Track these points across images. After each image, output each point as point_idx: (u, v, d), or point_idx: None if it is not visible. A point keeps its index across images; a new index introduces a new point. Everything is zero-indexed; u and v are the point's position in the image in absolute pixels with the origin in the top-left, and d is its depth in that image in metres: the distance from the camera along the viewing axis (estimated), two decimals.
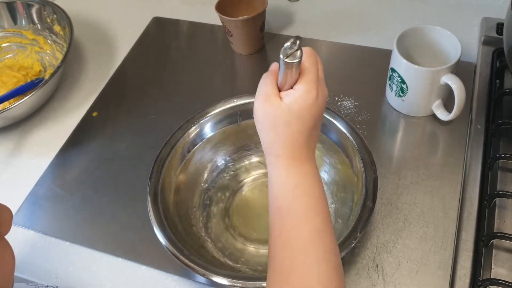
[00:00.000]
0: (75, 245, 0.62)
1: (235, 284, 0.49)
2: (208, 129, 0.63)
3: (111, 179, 0.69)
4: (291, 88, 0.42)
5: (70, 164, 0.71)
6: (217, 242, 0.60)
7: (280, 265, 0.40)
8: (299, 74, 0.41)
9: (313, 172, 0.43)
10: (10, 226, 0.38)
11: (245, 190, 0.65)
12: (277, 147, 0.42)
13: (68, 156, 0.72)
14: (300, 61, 0.39)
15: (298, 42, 0.39)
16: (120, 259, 0.60)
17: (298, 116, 0.41)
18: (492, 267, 0.54)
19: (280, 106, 0.41)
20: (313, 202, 0.42)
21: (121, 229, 0.63)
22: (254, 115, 0.43)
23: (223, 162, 0.66)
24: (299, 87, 0.41)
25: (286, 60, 0.39)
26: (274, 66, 0.44)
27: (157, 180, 0.58)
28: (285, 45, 0.39)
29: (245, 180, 0.66)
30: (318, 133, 0.45)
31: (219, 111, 0.63)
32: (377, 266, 0.56)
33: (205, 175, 0.65)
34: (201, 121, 0.62)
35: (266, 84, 0.42)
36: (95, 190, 0.68)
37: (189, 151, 0.62)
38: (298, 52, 0.39)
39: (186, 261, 0.51)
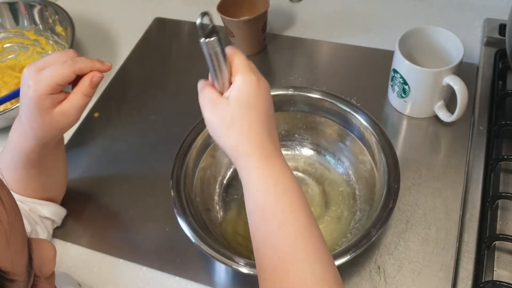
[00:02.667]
0: (76, 246, 0.62)
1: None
2: None
3: (112, 179, 0.69)
4: (229, 85, 0.42)
5: (71, 164, 0.71)
6: (230, 225, 0.61)
7: (271, 273, 0.39)
8: (230, 68, 0.41)
9: (287, 167, 0.42)
10: (54, 266, 0.35)
11: None
12: (243, 146, 0.41)
13: (69, 157, 0.72)
14: (219, 39, 0.38)
15: (207, 17, 0.38)
16: (121, 260, 0.60)
17: (249, 104, 0.41)
18: (495, 269, 0.54)
19: (228, 103, 0.41)
20: (295, 199, 0.41)
21: (122, 229, 0.63)
22: (208, 126, 0.43)
23: None
24: (236, 78, 0.41)
25: (208, 40, 0.38)
26: (202, 81, 0.45)
27: (183, 159, 0.58)
28: (197, 23, 0.37)
29: None
30: (276, 126, 0.44)
31: None
32: (379, 268, 0.56)
33: (227, 161, 0.65)
34: None
35: (205, 94, 0.43)
36: (96, 190, 0.68)
37: None
38: (212, 28, 0.38)
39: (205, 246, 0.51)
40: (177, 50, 0.87)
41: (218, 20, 0.78)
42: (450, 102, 0.67)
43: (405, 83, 0.65)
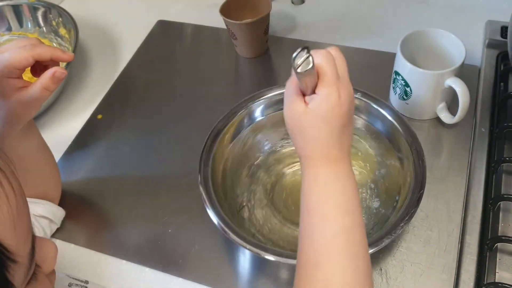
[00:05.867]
0: (79, 248, 0.62)
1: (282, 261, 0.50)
2: (268, 109, 0.64)
3: (115, 181, 0.69)
4: (314, 90, 0.42)
5: (74, 166, 0.72)
6: (254, 215, 0.61)
7: (306, 262, 0.41)
8: (318, 78, 0.41)
9: (345, 172, 0.43)
10: (54, 264, 0.36)
11: (291, 173, 0.65)
12: (308, 150, 0.43)
13: (72, 159, 0.73)
14: (311, 68, 0.39)
15: (306, 50, 0.38)
16: (124, 261, 0.60)
17: (323, 119, 0.41)
18: (497, 271, 0.54)
19: (305, 111, 0.42)
20: (342, 201, 0.42)
21: (125, 231, 0.63)
22: (285, 122, 0.44)
23: (274, 143, 0.66)
24: (320, 91, 0.41)
25: (298, 71, 0.38)
26: (291, 79, 0.44)
27: (210, 150, 0.59)
28: (293, 55, 0.38)
29: (292, 165, 0.66)
30: (350, 132, 0.45)
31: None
32: (381, 269, 0.56)
33: (256, 154, 0.65)
34: (265, 98, 0.64)
35: (290, 92, 0.43)
36: (99, 192, 0.68)
37: (246, 127, 0.64)
38: (309, 59, 0.38)
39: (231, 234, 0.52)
40: (180, 52, 0.87)
41: (221, 22, 0.79)
42: (452, 104, 0.67)
43: (407, 85, 0.66)
